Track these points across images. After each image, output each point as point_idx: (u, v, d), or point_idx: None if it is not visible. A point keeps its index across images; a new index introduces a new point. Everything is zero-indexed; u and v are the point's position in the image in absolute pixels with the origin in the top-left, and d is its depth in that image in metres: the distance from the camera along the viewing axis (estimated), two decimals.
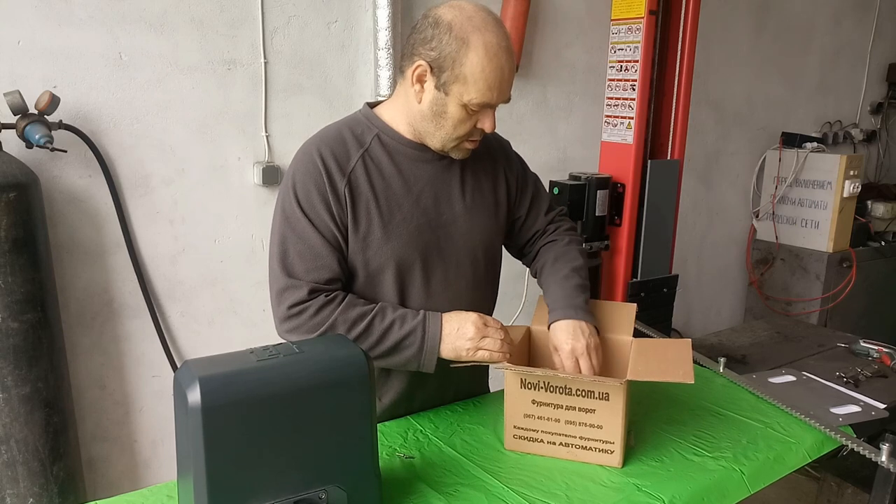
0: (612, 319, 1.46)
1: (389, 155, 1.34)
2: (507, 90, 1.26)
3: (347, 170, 1.29)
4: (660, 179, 2.68)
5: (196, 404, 0.88)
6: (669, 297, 2.85)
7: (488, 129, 1.28)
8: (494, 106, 1.27)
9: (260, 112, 2.29)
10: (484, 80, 1.21)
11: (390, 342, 1.27)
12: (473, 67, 1.20)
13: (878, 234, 3.97)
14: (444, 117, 1.27)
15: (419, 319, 1.28)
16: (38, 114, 1.83)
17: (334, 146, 1.30)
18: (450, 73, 1.22)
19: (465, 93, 1.22)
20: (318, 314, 1.25)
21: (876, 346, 2.07)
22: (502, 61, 1.21)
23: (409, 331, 1.27)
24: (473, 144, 1.33)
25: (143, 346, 2.22)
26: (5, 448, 1.79)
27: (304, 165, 1.29)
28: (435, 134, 1.30)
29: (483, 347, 1.26)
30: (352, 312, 1.26)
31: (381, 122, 1.35)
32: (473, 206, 1.41)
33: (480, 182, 1.44)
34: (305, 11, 2.31)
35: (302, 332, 1.25)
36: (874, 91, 4.46)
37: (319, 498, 0.98)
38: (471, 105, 1.23)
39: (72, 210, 2.04)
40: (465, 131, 1.28)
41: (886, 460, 1.35)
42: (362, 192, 1.30)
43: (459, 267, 1.40)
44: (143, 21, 2.04)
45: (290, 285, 1.26)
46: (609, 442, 1.24)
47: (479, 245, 1.42)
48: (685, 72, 2.65)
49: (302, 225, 1.27)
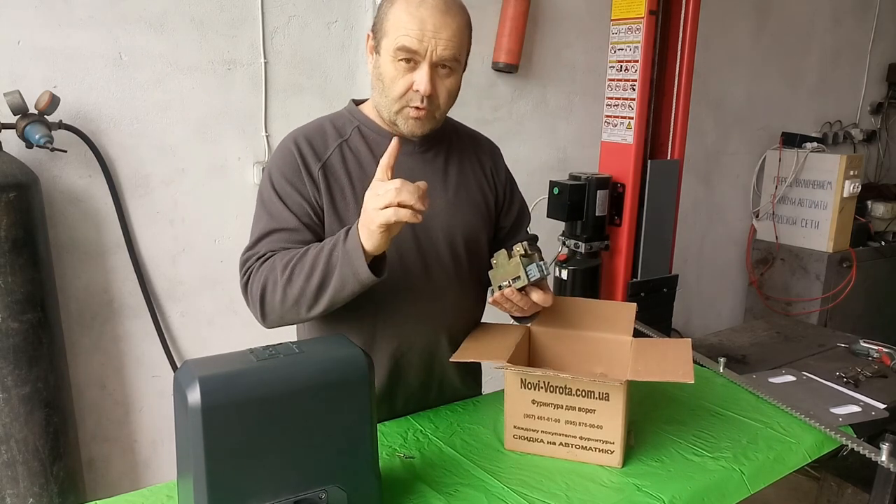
0: (612, 319, 1.46)
1: (369, 146, 1.35)
2: (432, 42, 1.21)
3: (324, 157, 1.31)
4: (660, 179, 2.68)
5: (196, 404, 0.88)
6: (669, 297, 2.85)
7: (422, 87, 1.23)
8: (422, 58, 1.22)
9: (260, 112, 2.29)
10: (402, 26, 1.21)
11: (322, 262, 1.16)
12: (393, 19, 1.23)
13: (878, 234, 3.97)
14: (381, 79, 1.27)
15: (341, 232, 1.18)
16: (38, 114, 1.83)
17: (313, 136, 1.33)
18: (380, 31, 1.26)
19: (389, 44, 1.23)
20: (261, 267, 1.22)
21: (876, 346, 2.07)
22: (424, 14, 1.21)
23: (333, 243, 1.17)
24: (417, 112, 1.27)
25: (143, 346, 2.22)
26: (5, 448, 1.79)
27: (281, 153, 1.32)
28: (381, 102, 1.30)
29: (401, 203, 1.07)
30: (290, 254, 1.21)
31: (362, 116, 1.38)
32: (457, 202, 1.40)
33: (466, 178, 1.43)
34: (305, 11, 2.31)
35: (257, 292, 1.21)
36: (874, 91, 4.46)
37: (319, 498, 0.98)
38: (395, 53, 1.22)
39: (72, 210, 2.04)
40: (399, 91, 1.25)
41: (886, 460, 1.35)
42: (338, 178, 1.30)
43: (440, 261, 1.38)
44: (143, 21, 2.04)
45: (248, 256, 1.26)
46: (609, 442, 1.24)
47: (461, 240, 1.40)
48: (685, 72, 2.65)
49: (274, 204, 1.28)
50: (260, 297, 1.22)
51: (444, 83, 1.27)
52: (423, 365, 1.43)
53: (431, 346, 1.41)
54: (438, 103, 1.29)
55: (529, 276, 1.19)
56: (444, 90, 1.28)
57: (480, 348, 1.35)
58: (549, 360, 1.47)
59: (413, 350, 1.40)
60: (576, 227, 2.64)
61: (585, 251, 2.61)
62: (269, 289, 1.21)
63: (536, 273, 1.18)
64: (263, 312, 1.24)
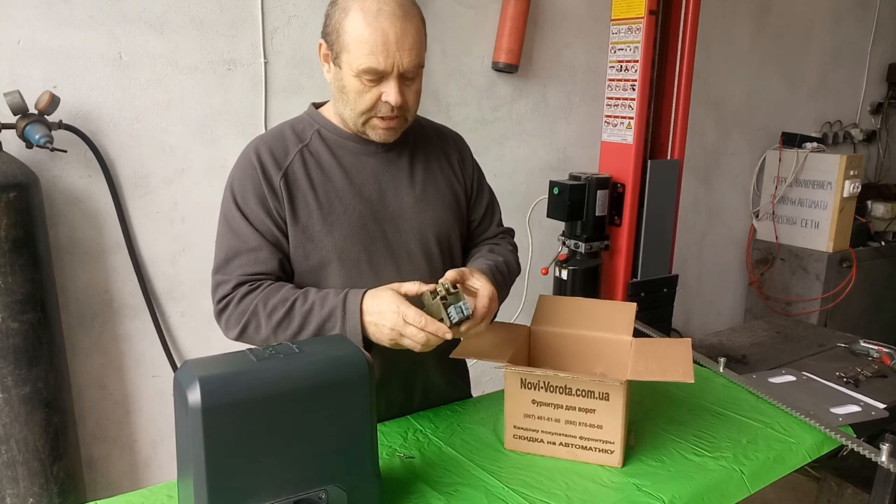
0: (612, 319, 1.46)
1: (330, 149, 1.33)
2: (397, 56, 1.18)
3: (284, 164, 1.29)
4: (660, 179, 2.68)
5: (196, 404, 0.88)
6: (669, 297, 2.85)
7: (392, 100, 1.21)
8: (389, 73, 1.20)
9: (260, 112, 2.29)
10: (364, 44, 1.17)
11: (313, 325, 1.20)
12: (353, 34, 1.18)
13: (878, 234, 3.97)
14: (344, 92, 1.25)
15: (340, 298, 1.20)
16: (38, 114, 1.83)
17: (272, 144, 1.31)
18: (337, 43, 1.22)
19: (352, 61, 1.19)
20: (241, 302, 1.24)
21: (876, 346, 2.07)
22: (384, 24, 1.16)
23: (330, 312, 1.19)
24: (386, 123, 1.25)
25: (143, 346, 2.22)
26: (5, 448, 1.79)
27: (241, 164, 1.30)
28: (345, 112, 1.28)
29: (406, 338, 1.15)
30: (273, 298, 1.22)
31: (322, 119, 1.36)
32: (425, 198, 1.38)
33: (434, 174, 1.41)
34: (305, 11, 2.31)
35: (232, 325, 1.25)
36: (874, 91, 4.46)
37: (319, 498, 0.98)
38: (361, 74, 1.19)
39: (72, 210, 2.04)
40: (367, 105, 1.23)
41: (886, 460, 1.35)
42: (300, 186, 1.28)
43: (412, 260, 1.36)
44: (143, 21, 2.04)
45: (220, 281, 1.27)
46: (609, 442, 1.24)
47: (433, 237, 1.38)
48: (685, 72, 2.65)
49: (237, 223, 1.28)
50: (240, 332, 1.25)
51: (411, 89, 1.26)
52: (403, 367, 1.40)
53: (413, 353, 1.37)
54: (408, 107, 1.27)
55: (451, 319, 1.16)
56: (412, 95, 1.27)
57: (480, 347, 1.34)
58: (549, 360, 1.47)
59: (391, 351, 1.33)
60: (576, 227, 2.64)
61: (585, 251, 2.61)
62: (250, 329, 1.24)
63: (455, 316, 1.17)
64: (241, 340, 1.26)
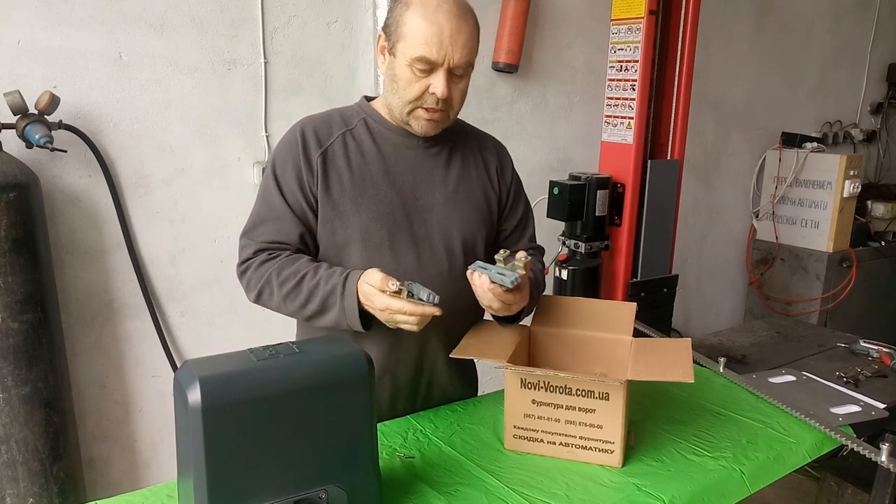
0: (612, 319, 1.46)
1: (373, 137, 1.38)
2: (450, 49, 1.24)
3: (325, 144, 1.36)
4: (660, 179, 2.68)
5: (196, 404, 0.88)
6: (669, 297, 2.85)
7: (439, 92, 1.26)
8: (440, 66, 1.25)
9: (260, 112, 2.29)
10: (420, 35, 1.23)
11: (318, 299, 1.25)
12: (411, 24, 1.25)
13: (878, 234, 3.97)
14: (395, 81, 1.30)
15: (342, 277, 1.24)
16: (38, 114, 1.83)
17: (318, 124, 1.38)
18: (395, 34, 1.28)
19: (406, 50, 1.25)
20: (259, 268, 1.31)
21: (876, 346, 2.07)
22: (441, 19, 1.23)
23: (332, 288, 1.24)
24: (430, 115, 1.30)
25: (143, 346, 2.22)
26: (5, 448, 1.79)
27: (286, 139, 1.38)
28: (393, 102, 1.33)
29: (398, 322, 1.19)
30: (287, 269, 1.28)
31: (370, 109, 1.42)
32: (456, 198, 1.41)
33: (468, 175, 1.44)
34: (305, 11, 2.31)
35: (251, 288, 1.32)
36: (874, 91, 4.46)
37: (319, 498, 0.98)
38: (413, 62, 1.25)
39: (72, 210, 2.04)
40: (414, 94, 1.28)
41: (886, 460, 1.35)
42: (336, 165, 1.34)
43: (434, 254, 1.38)
44: (143, 21, 2.04)
45: (244, 244, 1.36)
46: (609, 442, 1.24)
47: (458, 236, 1.40)
48: (685, 72, 2.65)
49: (271, 192, 1.34)
50: (257, 296, 1.33)
51: (458, 86, 1.31)
52: (412, 361, 1.42)
53: (421, 343, 1.40)
54: (453, 104, 1.32)
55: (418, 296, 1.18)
56: (458, 93, 1.32)
57: (481, 346, 1.34)
58: (549, 360, 1.47)
59: (402, 345, 1.39)
60: (576, 227, 2.64)
61: (585, 251, 2.61)
62: (265, 295, 1.31)
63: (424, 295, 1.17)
64: (254, 302, 1.35)
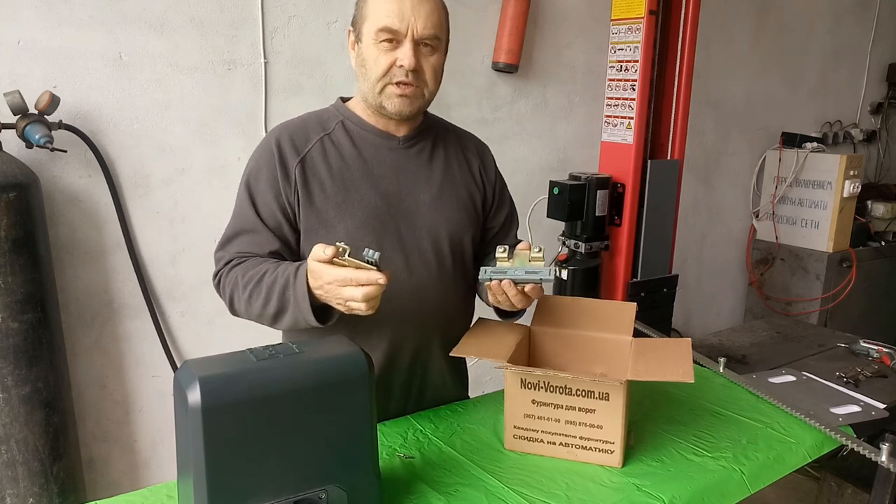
0: (612, 319, 1.46)
1: (352, 140, 1.36)
2: (412, 19, 1.22)
3: (303, 151, 1.32)
4: (660, 179, 2.68)
5: (196, 404, 0.88)
6: (669, 297, 2.85)
7: (406, 62, 1.23)
8: (404, 36, 1.24)
9: (260, 112, 2.29)
10: (382, 8, 1.23)
11: (276, 295, 1.19)
12: (372, 3, 1.25)
13: (878, 234, 3.97)
14: (364, 64, 1.28)
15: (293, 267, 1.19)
16: (38, 114, 1.83)
17: (294, 131, 1.34)
18: (360, 19, 1.28)
19: (371, 27, 1.25)
20: (228, 275, 1.29)
21: (876, 346, 2.07)
22: None
23: (286, 280, 1.18)
24: (402, 89, 1.27)
25: (143, 346, 2.22)
26: (5, 448, 1.79)
27: (260, 150, 1.35)
28: (365, 87, 1.30)
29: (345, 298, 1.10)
30: (251, 270, 1.25)
31: (347, 111, 1.39)
32: (441, 198, 1.40)
33: (452, 175, 1.43)
34: (305, 11, 2.31)
35: (224, 297, 1.31)
36: (874, 91, 4.46)
37: (319, 498, 0.98)
38: (378, 35, 1.24)
39: (72, 210, 2.04)
40: (382, 69, 1.26)
41: (886, 460, 1.35)
42: (317, 172, 1.31)
43: (422, 256, 1.37)
44: (143, 21, 2.04)
45: (218, 258, 1.34)
46: (609, 442, 1.24)
47: (445, 237, 1.39)
48: (685, 72, 2.65)
49: (244, 204, 1.32)
50: (230, 304, 1.31)
51: (429, 60, 1.28)
52: (404, 363, 1.41)
53: (414, 344, 1.40)
54: (425, 79, 1.29)
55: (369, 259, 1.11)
56: (428, 67, 1.28)
57: (481, 345, 1.34)
58: (549, 360, 1.47)
59: (394, 347, 1.38)
60: (576, 227, 2.64)
61: (585, 251, 2.61)
62: (235, 300, 1.29)
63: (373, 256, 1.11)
64: (234, 313, 1.33)
